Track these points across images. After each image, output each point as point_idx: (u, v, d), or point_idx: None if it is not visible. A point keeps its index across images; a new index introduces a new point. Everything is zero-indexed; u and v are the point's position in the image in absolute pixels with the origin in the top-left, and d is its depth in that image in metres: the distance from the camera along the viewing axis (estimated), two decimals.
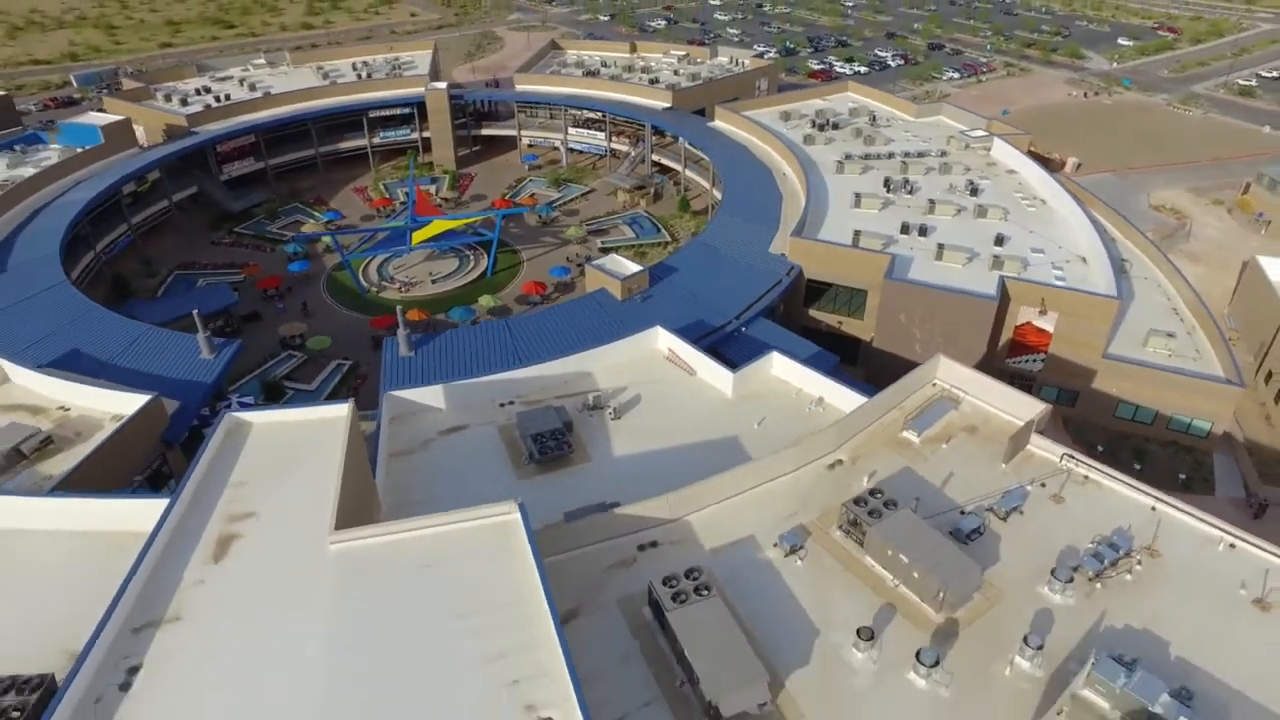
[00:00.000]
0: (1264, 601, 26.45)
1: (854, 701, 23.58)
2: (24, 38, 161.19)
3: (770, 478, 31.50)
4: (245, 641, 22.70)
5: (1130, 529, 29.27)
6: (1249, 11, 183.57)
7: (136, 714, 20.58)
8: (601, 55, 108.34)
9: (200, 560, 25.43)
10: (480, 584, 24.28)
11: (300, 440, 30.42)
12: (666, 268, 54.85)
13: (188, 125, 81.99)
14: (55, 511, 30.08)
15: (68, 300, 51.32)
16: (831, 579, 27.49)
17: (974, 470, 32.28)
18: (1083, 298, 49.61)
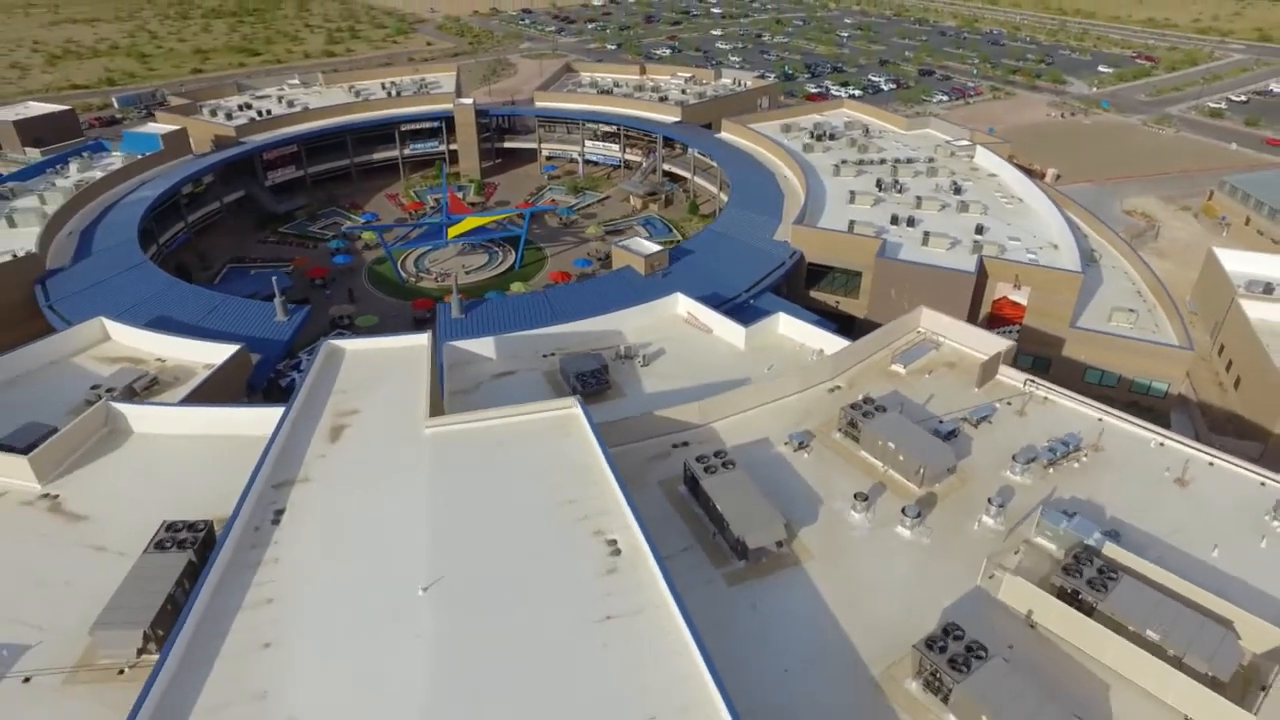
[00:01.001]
0: (1183, 480, 32.54)
1: (853, 547, 29.47)
2: (62, 65, 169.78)
3: (780, 396, 37.65)
4: (363, 493, 28.83)
5: (1080, 434, 35.37)
6: (1222, 43, 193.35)
7: (285, 538, 26.68)
8: (613, 77, 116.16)
9: (319, 440, 31.63)
10: (549, 455, 30.41)
11: (387, 361, 36.78)
12: (683, 250, 61.47)
13: (236, 135, 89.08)
14: (188, 418, 36.19)
15: (151, 276, 57.71)
16: (833, 466, 33.50)
17: (952, 393, 38.46)
18: (1051, 273, 56.16)
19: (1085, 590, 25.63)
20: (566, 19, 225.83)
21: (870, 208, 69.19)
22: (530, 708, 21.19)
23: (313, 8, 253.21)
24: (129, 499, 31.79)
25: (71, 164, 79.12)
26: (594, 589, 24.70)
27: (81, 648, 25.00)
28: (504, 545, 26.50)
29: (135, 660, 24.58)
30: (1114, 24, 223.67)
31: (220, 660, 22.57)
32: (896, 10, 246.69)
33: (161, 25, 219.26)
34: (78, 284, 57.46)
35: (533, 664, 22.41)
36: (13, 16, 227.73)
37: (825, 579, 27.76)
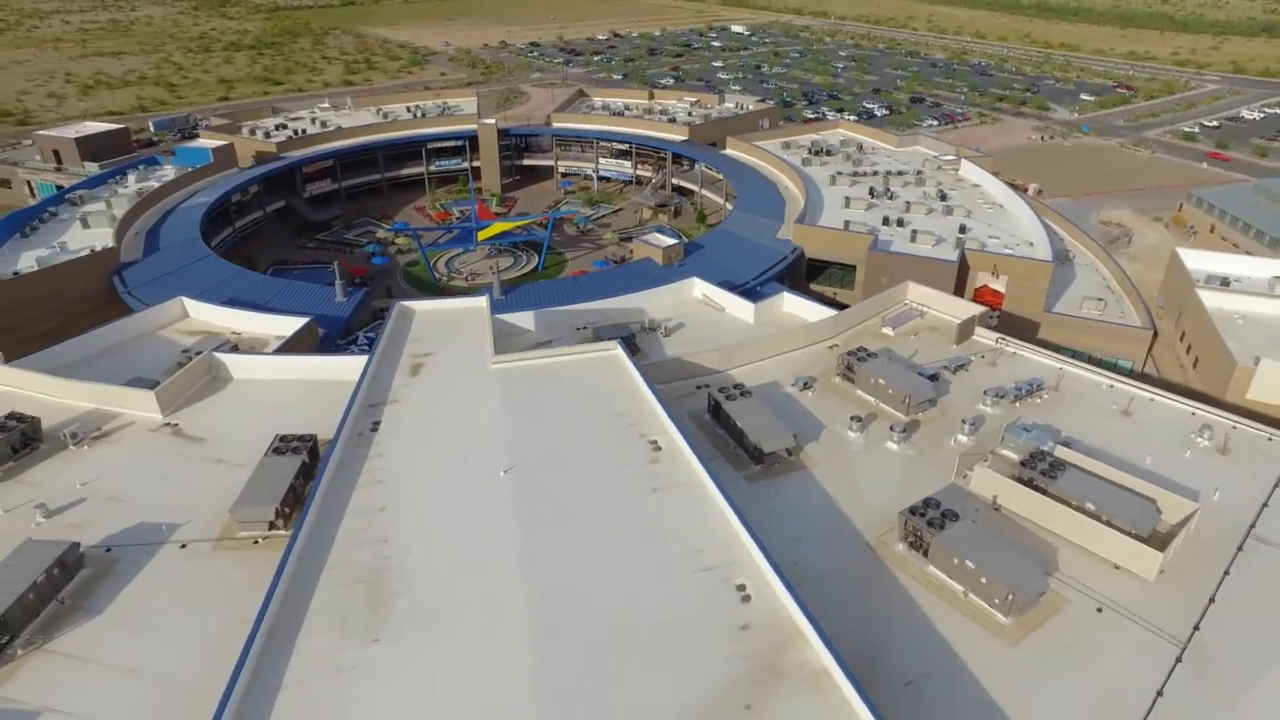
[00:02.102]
0: (1127, 411, 38.62)
1: (850, 457, 35.45)
2: (95, 94, 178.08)
3: (787, 350, 43.81)
4: (444, 409, 35.00)
5: (1043, 378, 41.49)
6: (1198, 74, 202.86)
7: (384, 440, 32.77)
8: (623, 100, 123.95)
9: (402, 374, 37.92)
10: (597, 382, 36.66)
11: (452, 318, 43.18)
12: (695, 245, 68.05)
13: (277, 151, 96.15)
14: (279, 365, 42.37)
15: (218, 266, 64.12)
16: (832, 401, 39.56)
17: (934, 349, 44.70)
18: (1025, 262, 62.72)
19: (1039, 478, 31.59)
20: (573, 51, 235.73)
21: (864, 211, 75.90)
22: (600, 547, 27.13)
23: (328, 41, 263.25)
24: (236, 426, 37.76)
25: (130, 175, 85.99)
26: (642, 472, 30.76)
27: (221, 526, 30.83)
28: (565, 443, 32.57)
29: (267, 533, 30.37)
30: (1096, 56, 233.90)
31: (347, 518, 28.58)
32: (889, 44, 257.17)
33: (186, 58, 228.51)
34: (151, 274, 63.75)
35: (598, 519, 28.40)
36: (43, 50, 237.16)
37: (827, 478, 33.71)
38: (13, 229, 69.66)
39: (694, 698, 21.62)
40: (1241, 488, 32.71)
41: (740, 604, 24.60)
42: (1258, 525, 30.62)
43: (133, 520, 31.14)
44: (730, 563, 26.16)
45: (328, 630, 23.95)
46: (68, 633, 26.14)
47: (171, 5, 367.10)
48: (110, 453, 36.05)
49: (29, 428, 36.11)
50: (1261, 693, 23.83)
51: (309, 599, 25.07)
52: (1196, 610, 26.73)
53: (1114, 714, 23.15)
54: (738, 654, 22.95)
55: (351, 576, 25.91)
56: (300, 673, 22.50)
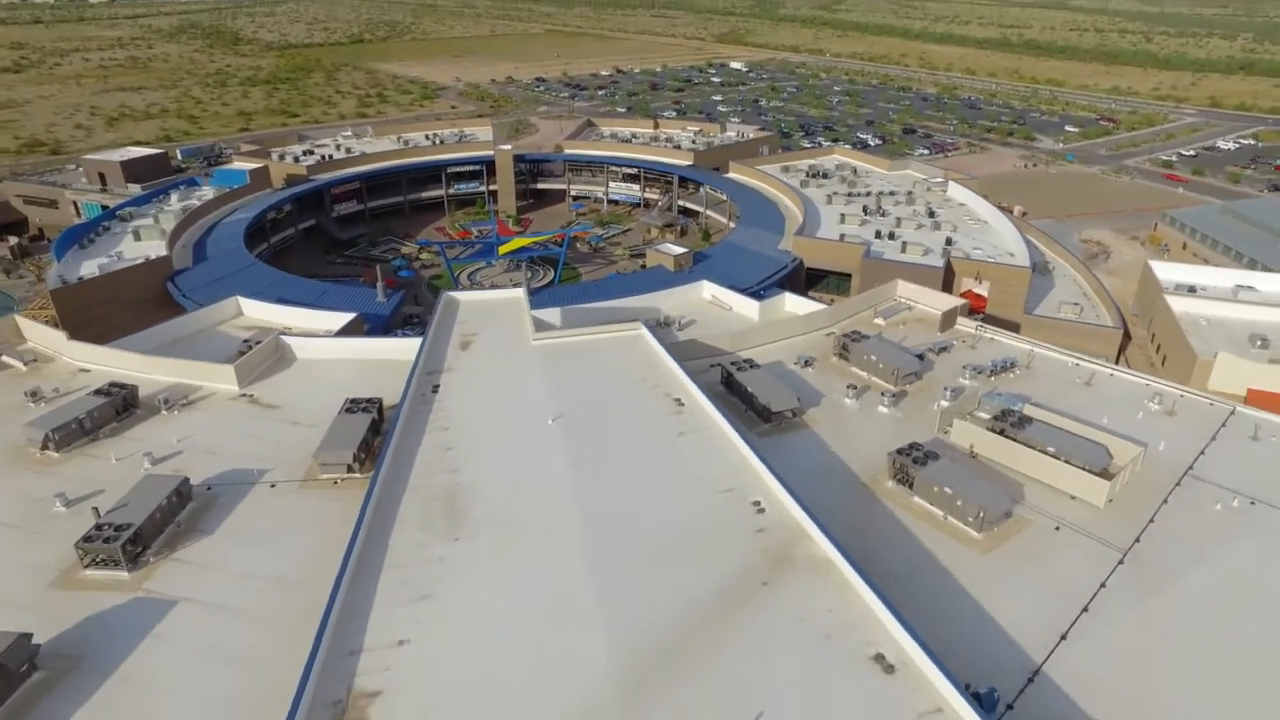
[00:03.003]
0: (1089, 383, 43.92)
1: (846, 418, 40.62)
2: (120, 125, 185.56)
3: (790, 335, 49.19)
4: (494, 374, 40.38)
5: (1016, 358, 46.85)
6: (1177, 108, 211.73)
7: (444, 398, 38.01)
8: (630, 129, 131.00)
9: (454, 349, 43.31)
10: (626, 354, 42.06)
11: (493, 306, 48.73)
12: (702, 255, 73.83)
13: (307, 174, 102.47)
14: (339, 346, 47.69)
15: (264, 272, 69.73)
16: (830, 376, 44.83)
17: (920, 335, 50.10)
18: (1005, 268, 68.52)
19: (1009, 429, 36.81)
20: (578, 86, 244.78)
21: (858, 227, 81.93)
22: (636, 475, 32.28)
23: (340, 77, 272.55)
24: (305, 396, 42.93)
25: (172, 195, 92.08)
26: (667, 422, 36.02)
27: (305, 470, 35.87)
28: (601, 400, 37.86)
29: (345, 475, 35.40)
30: (1081, 91, 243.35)
31: (420, 454, 33.74)
32: (882, 80, 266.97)
33: (204, 92, 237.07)
34: (202, 279, 69.33)
35: (633, 455, 33.60)
36: (67, 86, 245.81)
37: (826, 434, 38.87)
38: (72, 241, 75.41)
39: (721, 578, 26.63)
40: (1184, 440, 37.92)
41: (755, 514, 29.70)
42: (1194, 467, 35.78)
43: (226, 466, 36.16)
44: (746, 485, 31.30)
45: (415, 532, 28.98)
46: (187, 547, 31.06)
47: (186, 43, 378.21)
48: (198, 416, 41.18)
49: (129, 394, 41.32)
50: (1183, 583, 28.84)
51: (396, 511, 30.13)
52: (1138, 528, 31.78)
53: (1065, 599, 28.08)
54: (755, 549, 28.00)
55: (430, 495, 31.00)
56: (397, 560, 27.52)
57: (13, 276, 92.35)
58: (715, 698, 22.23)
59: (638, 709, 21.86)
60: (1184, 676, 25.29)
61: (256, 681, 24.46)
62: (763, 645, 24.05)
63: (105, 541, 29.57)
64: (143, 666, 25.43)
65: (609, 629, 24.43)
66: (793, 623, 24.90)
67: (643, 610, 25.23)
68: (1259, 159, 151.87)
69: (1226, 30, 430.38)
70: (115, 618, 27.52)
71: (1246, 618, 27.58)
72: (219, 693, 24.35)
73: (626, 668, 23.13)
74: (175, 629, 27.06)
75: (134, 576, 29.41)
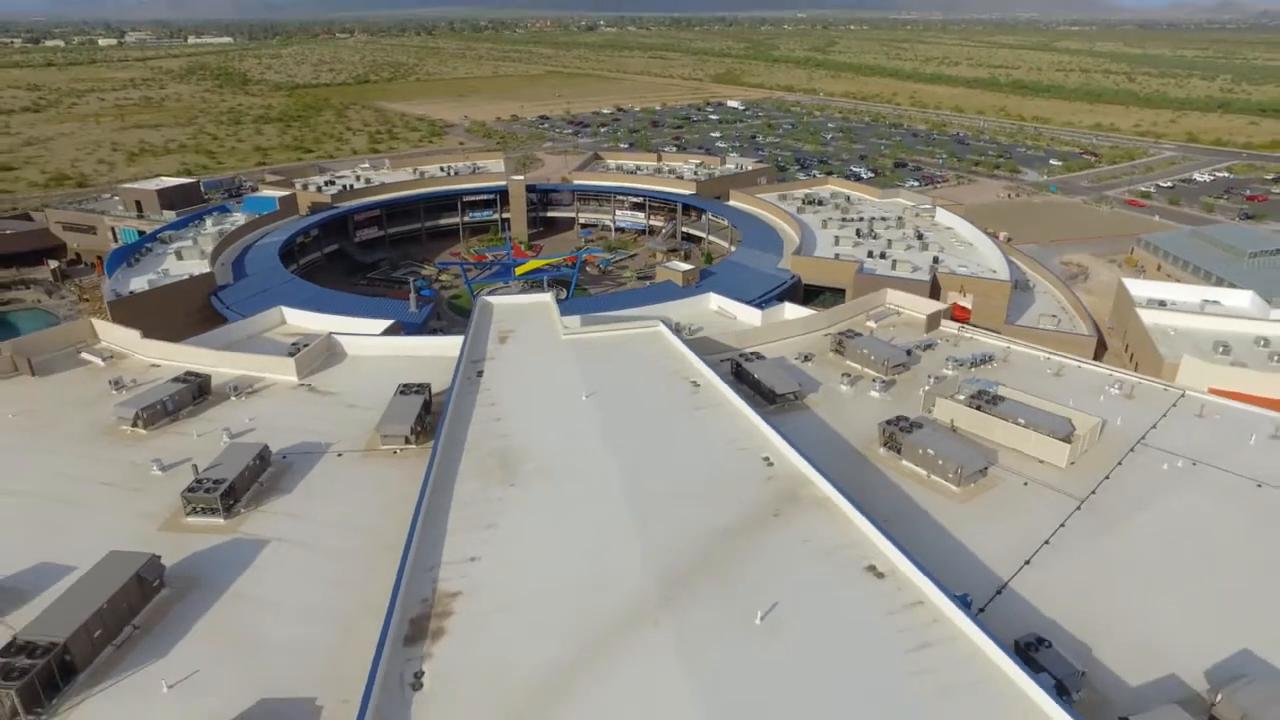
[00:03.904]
0: (1058, 374, 49.22)
1: (842, 401, 45.77)
2: (141, 160, 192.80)
3: (790, 335, 54.54)
4: (531, 362, 45.48)
5: (994, 354, 52.20)
6: (1156, 143, 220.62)
7: (489, 380, 43.13)
8: (635, 162, 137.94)
9: (493, 342, 48.56)
10: (647, 346, 47.34)
11: (524, 309, 54.10)
12: (708, 273, 79.51)
13: (331, 202, 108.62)
14: (386, 344, 52.90)
15: (301, 286, 75.16)
16: (827, 369, 50.07)
17: (908, 336, 55.47)
18: (986, 282, 74.25)
19: (985, 405, 41.97)
20: (581, 123, 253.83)
21: (851, 247, 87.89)
22: (662, 439, 37.35)
23: (350, 115, 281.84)
24: (358, 385, 47.95)
25: (206, 220, 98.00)
26: (686, 399, 41.20)
27: (366, 441, 40.84)
28: (627, 382, 43.08)
29: (404, 446, 40.35)
30: (1065, 128, 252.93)
31: (473, 424, 38.79)
32: (874, 117, 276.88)
33: (219, 129, 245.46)
34: (244, 294, 74.73)
35: (658, 424, 38.71)
36: (85, 124, 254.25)
37: (825, 414, 44.00)
38: (121, 260, 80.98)
39: (739, 512, 31.60)
40: (1139, 417, 43.10)
41: (765, 467, 34.75)
42: (1146, 438, 40.92)
43: (295, 440, 41.03)
44: (757, 446, 36.37)
45: (475, 481, 33.94)
46: (271, 501, 35.83)
47: (196, 84, 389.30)
48: (263, 402, 46.19)
49: (203, 382, 46.42)
50: (1131, 523, 33.82)
51: (458, 467, 35.09)
52: (1095, 483, 36.80)
53: (1029, 536, 32.99)
54: (766, 492, 33.01)
55: (485, 454, 36.01)
56: (462, 500, 32.45)
57: (54, 297, 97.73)
58: (737, 595, 27.09)
59: (672, 604, 26.69)
60: (1128, 591, 30.13)
61: (345, 597, 29.20)
62: (775, 559, 28.96)
63: (205, 492, 34.46)
64: (248, 587, 30.15)
65: (646, 547, 29.34)
66: (799, 543, 29.83)
67: (674, 534, 30.16)
68: (1232, 190, 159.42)
69: (1206, 72, 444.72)
70: (218, 553, 32.29)
71: (1182, 548, 32.51)
72: (315, 604, 29.04)
73: (662, 575, 28.00)
74: (270, 561, 31.81)
75: (229, 523, 34.18)
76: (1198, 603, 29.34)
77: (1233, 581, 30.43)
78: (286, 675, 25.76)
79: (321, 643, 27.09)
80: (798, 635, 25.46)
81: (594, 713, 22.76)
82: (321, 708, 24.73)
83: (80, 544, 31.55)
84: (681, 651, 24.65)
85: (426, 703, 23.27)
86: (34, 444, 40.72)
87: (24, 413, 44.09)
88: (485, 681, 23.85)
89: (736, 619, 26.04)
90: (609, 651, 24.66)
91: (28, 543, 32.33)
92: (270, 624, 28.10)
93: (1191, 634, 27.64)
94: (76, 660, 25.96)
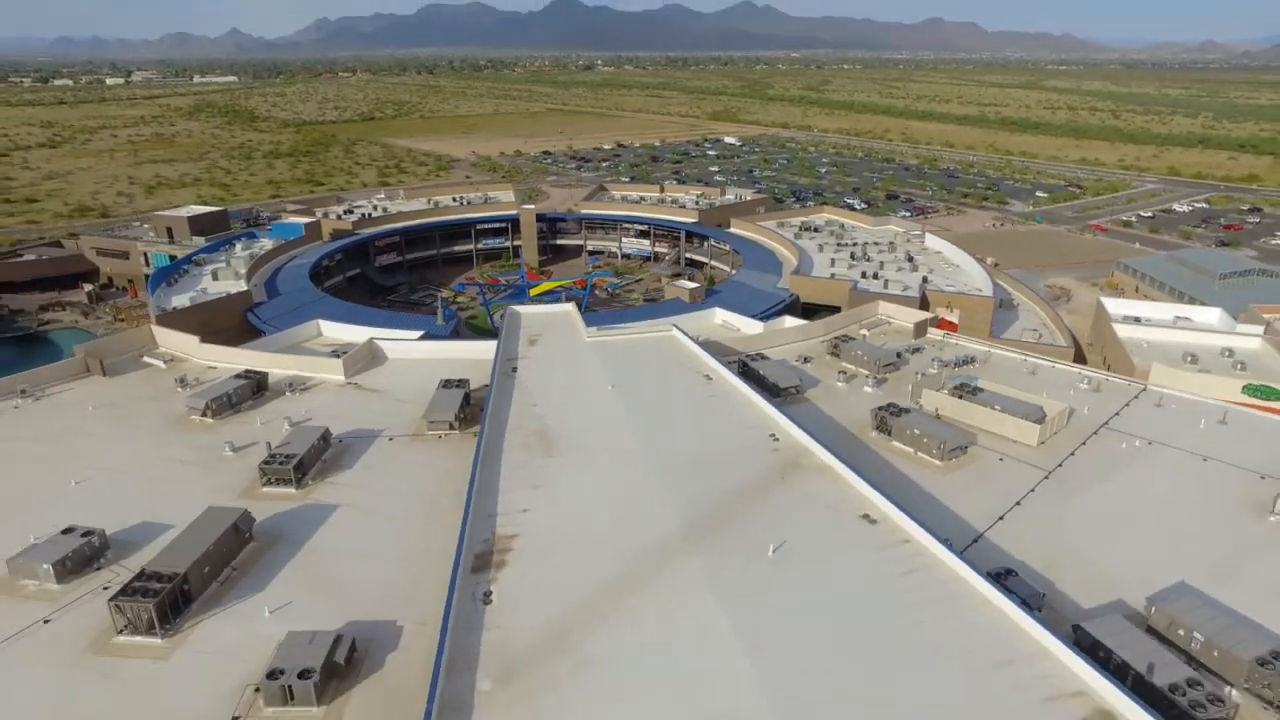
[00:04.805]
0: (1034, 372, 54.44)
1: (839, 395, 50.88)
2: (159, 193, 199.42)
3: (790, 341, 59.81)
4: (559, 361, 50.67)
5: (976, 356, 57.46)
6: (1139, 176, 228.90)
7: (523, 376, 48.25)
8: (639, 193, 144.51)
9: (524, 344, 53.71)
10: (662, 347, 52.55)
11: (549, 317, 59.35)
12: (713, 291, 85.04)
13: (353, 228, 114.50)
14: (424, 347, 58.02)
15: (335, 303, 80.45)
16: (825, 369, 55.25)
17: (897, 341, 60.79)
18: (971, 298, 79.81)
19: (966, 394, 47.09)
20: (583, 159, 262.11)
21: (846, 269, 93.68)
22: (679, 419, 42.42)
23: (358, 150, 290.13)
24: (401, 383, 52.98)
25: (236, 244, 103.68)
26: (700, 389, 46.37)
27: (414, 428, 45.75)
28: (646, 375, 48.26)
29: (448, 431, 45.26)
30: (1052, 162, 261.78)
31: (513, 411, 43.80)
32: (867, 152, 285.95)
33: (231, 164, 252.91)
34: (279, 310, 79.93)
35: (675, 407, 43.84)
36: (101, 159, 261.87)
37: (823, 405, 49.08)
38: (161, 279, 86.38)
39: (750, 475, 36.56)
40: (1103, 406, 48.22)
41: (772, 442, 39.78)
42: (1109, 423, 46.01)
43: (349, 427, 45.91)
44: (763, 426, 41.43)
45: (520, 454, 38.90)
46: (334, 475, 40.66)
47: (205, 121, 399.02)
48: (316, 397, 51.17)
49: (261, 379, 51.43)
50: (1091, 489, 38.74)
51: (503, 442, 40.06)
52: (1061, 458, 41.77)
53: (1002, 499, 37.86)
54: (772, 460, 37.98)
55: (527, 433, 41.02)
56: (510, 467, 37.42)
57: (90, 318, 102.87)
58: (751, 536, 31.95)
59: (697, 542, 31.54)
60: (1085, 540, 34.95)
61: (410, 547, 33.93)
62: (782, 510, 33.88)
63: (280, 464, 39.32)
64: (324, 541, 34.90)
65: (672, 501, 34.27)
66: (802, 499, 34.76)
67: (695, 492, 35.09)
68: (1209, 219, 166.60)
69: (1189, 109, 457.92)
70: (294, 515, 37.05)
71: (1135, 508, 37.40)
72: (384, 552, 33.77)
73: (687, 521, 32.89)
74: (340, 521, 36.58)
75: (300, 492, 38.97)
76: (1145, 548, 34.20)
77: (1176, 532, 35.35)
78: (368, 604, 30.45)
79: (395, 581, 31.80)
80: (803, 564, 30.30)
81: (635, 619, 27.51)
82: (402, 628, 29.37)
83: (174, 507, 36.31)
84: (707, 575, 29.48)
85: (496, 614, 28.01)
86: (118, 431, 45.66)
87: (103, 405, 49.05)
88: (544, 598, 28.62)
89: (751, 552, 30.89)
90: (646, 574, 29.49)
91: (130, 505, 37.10)
92: (348, 567, 32.84)
93: (1138, 571, 32.43)
94: (192, 589, 30.69)
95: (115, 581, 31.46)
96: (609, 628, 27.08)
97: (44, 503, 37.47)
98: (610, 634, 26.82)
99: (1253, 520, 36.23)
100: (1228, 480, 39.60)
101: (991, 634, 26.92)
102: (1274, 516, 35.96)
